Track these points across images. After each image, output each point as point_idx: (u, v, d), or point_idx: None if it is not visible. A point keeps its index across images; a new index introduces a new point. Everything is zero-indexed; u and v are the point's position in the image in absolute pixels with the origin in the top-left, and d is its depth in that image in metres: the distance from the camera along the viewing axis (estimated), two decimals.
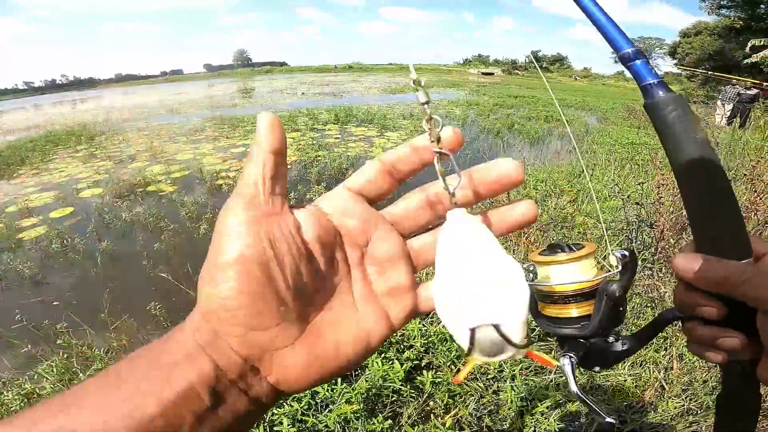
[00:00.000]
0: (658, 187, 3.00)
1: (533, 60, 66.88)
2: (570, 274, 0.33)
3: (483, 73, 53.33)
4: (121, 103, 24.55)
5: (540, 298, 0.36)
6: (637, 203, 2.80)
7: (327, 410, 1.64)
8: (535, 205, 0.26)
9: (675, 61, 28.96)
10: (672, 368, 1.82)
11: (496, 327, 0.19)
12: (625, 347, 0.34)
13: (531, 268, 0.35)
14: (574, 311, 0.34)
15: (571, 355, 0.33)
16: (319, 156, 6.46)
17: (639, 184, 3.22)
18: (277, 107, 14.01)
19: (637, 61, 0.31)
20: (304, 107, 12.74)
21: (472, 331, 0.19)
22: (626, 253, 0.33)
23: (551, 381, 1.79)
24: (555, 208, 3.30)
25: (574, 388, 0.32)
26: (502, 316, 0.19)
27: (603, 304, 0.33)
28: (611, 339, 0.34)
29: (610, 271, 0.33)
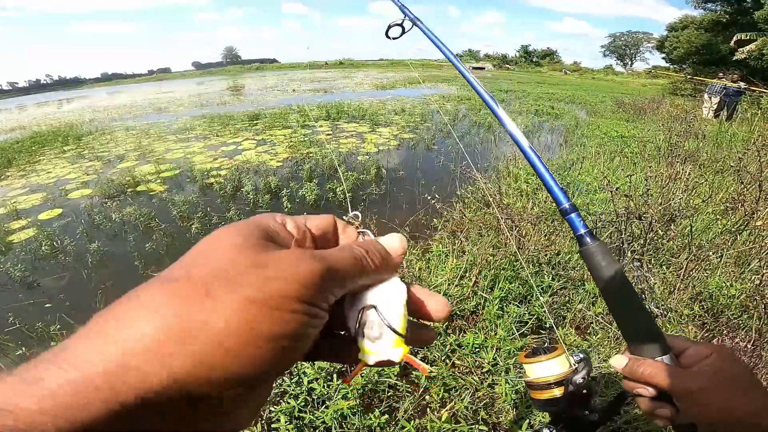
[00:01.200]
0: (647, 179, 3.04)
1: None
2: (547, 369, 0.45)
3: (473, 68, 53.31)
4: (108, 102, 24.15)
5: (530, 387, 0.49)
6: (626, 195, 2.83)
7: (324, 406, 1.65)
8: (448, 306, 0.28)
9: (663, 55, 29.20)
10: None
11: (375, 307, 0.24)
12: (596, 419, 0.46)
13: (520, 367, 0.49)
14: (557, 392, 0.46)
15: (552, 426, 0.47)
16: (311, 153, 6.44)
17: (628, 176, 3.25)
18: (268, 104, 13.90)
19: (572, 215, 0.42)
20: (294, 104, 12.66)
21: (360, 311, 0.24)
22: (582, 355, 0.45)
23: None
24: (546, 202, 3.32)
25: None
26: (382, 301, 0.24)
27: (570, 389, 0.44)
28: (586, 412, 0.46)
29: (576, 365, 0.46)
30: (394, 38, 0.81)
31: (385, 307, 0.24)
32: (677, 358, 0.42)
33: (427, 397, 1.75)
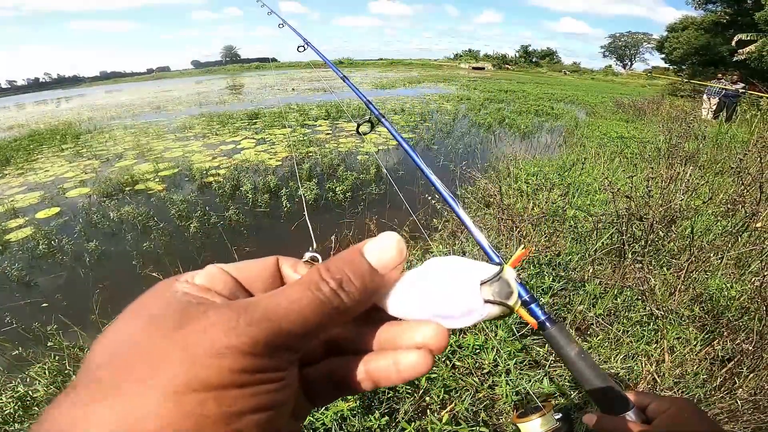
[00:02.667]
0: (648, 180, 3.03)
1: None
2: (537, 426, 0.52)
3: (473, 68, 53.35)
4: (106, 101, 24.09)
5: None
6: (627, 196, 2.82)
7: (324, 408, 1.64)
8: (430, 359, 0.21)
9: (662, 56, 29.23)
10: (664, 361, 1.84)
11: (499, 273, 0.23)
12: None
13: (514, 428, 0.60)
14: None
15: None
16: (310, 152, 6.42)
17: (629, 177, 3.24)
18: (267, 103, 13.86)
19: (533, 305, 0.47)
20: (294, 103, 12.63)
21: (492, 279, 0.22)
22: (561, 414, 0.52)
23: (545, 374, 1.81)
24: (546, 202, 3.31)
25: None
26: (489, 273, 0.23)
27: None
28: None
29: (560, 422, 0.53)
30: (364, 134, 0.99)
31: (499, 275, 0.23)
32: (643, 412, 0.48)
33: (427, 398, 1.73)
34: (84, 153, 7.77)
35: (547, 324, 0.50)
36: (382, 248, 0.20)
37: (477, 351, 1.94)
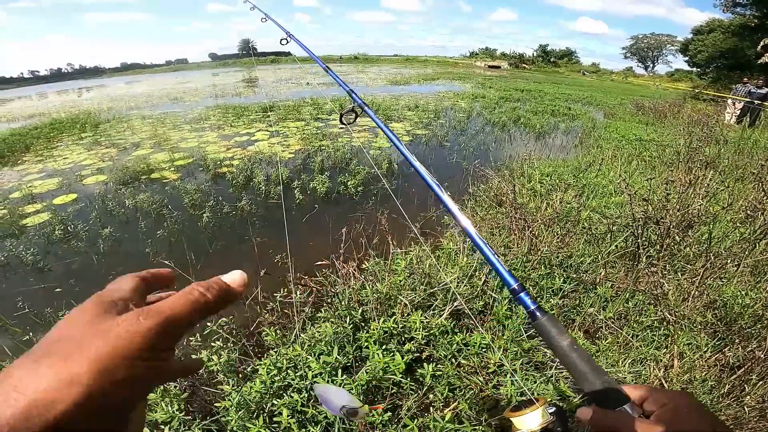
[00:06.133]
0: (666, 184, 2.96)
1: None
2: (530, 420, 0.50)
3: (489, 66, 52.80)
4: (126, 91, 24.51)
5: None
6: (644, 199, 2.76)
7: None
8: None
9: (686, 58, 28.49)
10: (672, 366, 1.80)
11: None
12: None
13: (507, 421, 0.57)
14: None
15: None
16: (323, 145, 6.43)
17: (648, 179, 3.17)
18: (282, 96, 13.94)
19: (522, 294, 0.47)
20: (308, 97, 12.67)
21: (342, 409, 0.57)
22: (555, 409, 0.49)
23: (551, 376, 1.78)
24: (560, 203, 3.26)
25: None
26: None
27: None
28: None
29: (554, 416, 0.50)
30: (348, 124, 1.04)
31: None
32: (640, 407, 0.46)
33: (431, 395, 1.73)
34: (102, 141, 7.93)
35: (538, 314, 0.48)
36: (233, 276, 0.32)
37: (483, 350, 1.92)
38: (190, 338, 1.98)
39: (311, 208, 4.22)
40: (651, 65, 64.57)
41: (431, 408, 1.68)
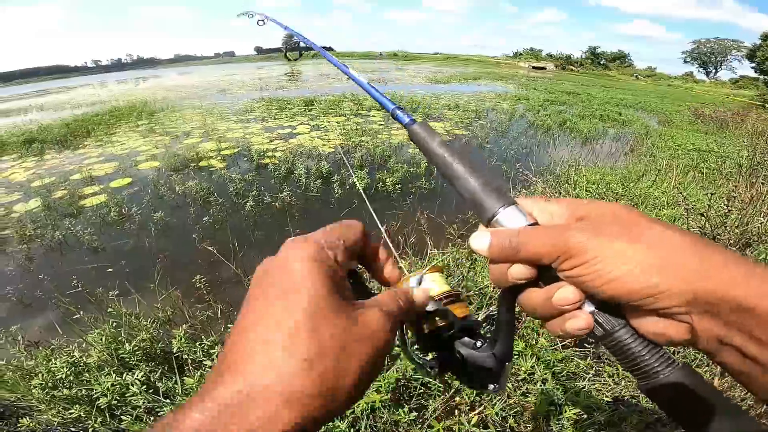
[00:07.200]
0: (729, 200, 2.75)
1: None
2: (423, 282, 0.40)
3: (534, 67, 51.15)
4: (178, 81, 25.81)
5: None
6: (701, 214, 2.59)
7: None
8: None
9: (753, 65, 26.33)
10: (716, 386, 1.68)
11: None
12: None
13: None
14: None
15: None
16: (362, 141, 6.49)
17: (708, 194, 2.97)
18: (323, 91, 14.18)
19: (398, 111, 0.46)
20: (349, 92, 12.80)
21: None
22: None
23: (583, 387, 1.72)
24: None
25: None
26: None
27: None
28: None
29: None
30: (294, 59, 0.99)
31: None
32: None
33: (457, 398, 1.71)
34: (157, 129, 8.40)
35: (411, 123, 0.42)
36: (418, 292, 0.33)
37: (515, 357, 1.88)
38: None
39: (350, 203, 4.27)
40: (714, 71, 60.24)
41: (457, 411, 1.66)
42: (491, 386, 0.36)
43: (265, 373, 0.21)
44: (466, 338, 0.36)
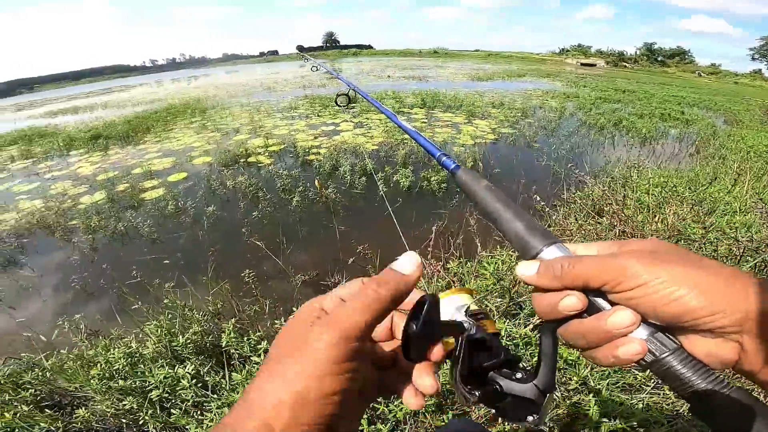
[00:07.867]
0: None
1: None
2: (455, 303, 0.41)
3: (582, 64, 48.79)
4: (226, 80, 26.96)
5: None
6: None
7: (399, 400, 1.62)
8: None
9: None
10: None
11: None
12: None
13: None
14: None
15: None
16: (405, 139, 6.45)
17: None
18: (363, 89, 14.25)
19: (443, 158, 0.49)
20: (390, 90, 12.80)
21: None
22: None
23: (641, 401, 1.60)
24: (674, 217, 2.88)
25: None
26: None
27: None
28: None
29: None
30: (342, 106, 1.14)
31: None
32: None
33: None
34: (208, 126, 8.80)
35: (457, 169, 0.46)
36: (402, 262, 0.30)
37: (570, 365, 1.77)
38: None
39: (394, 201, 4.26)
40: None
41: (500, 418, 1.59)
42: (530, 417, 0.35)
43: None
44: (505, 369, 0.37)
